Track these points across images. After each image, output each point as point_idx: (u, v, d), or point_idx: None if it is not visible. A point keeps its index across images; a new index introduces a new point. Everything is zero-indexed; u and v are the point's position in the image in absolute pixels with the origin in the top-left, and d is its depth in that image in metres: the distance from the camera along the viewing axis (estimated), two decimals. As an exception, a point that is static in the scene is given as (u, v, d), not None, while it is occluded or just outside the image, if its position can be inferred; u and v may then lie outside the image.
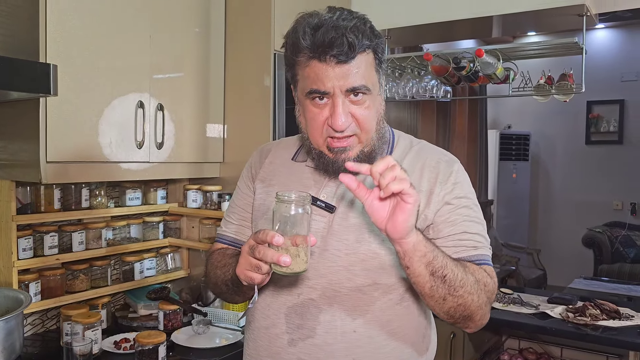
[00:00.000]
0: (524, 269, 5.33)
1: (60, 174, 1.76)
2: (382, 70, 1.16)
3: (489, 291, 1.13)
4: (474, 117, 5.32)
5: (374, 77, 1.12)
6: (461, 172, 1.21)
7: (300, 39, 1.08)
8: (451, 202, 1.16)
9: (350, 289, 1.13)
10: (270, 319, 1.19)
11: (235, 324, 2.09)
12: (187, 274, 2.46)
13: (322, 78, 1.07)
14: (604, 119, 5.98)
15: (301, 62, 1.10)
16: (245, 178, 1.36)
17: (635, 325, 2.21)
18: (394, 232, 0.97)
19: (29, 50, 1.69)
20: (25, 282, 1.86)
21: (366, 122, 1.12)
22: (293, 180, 1.24)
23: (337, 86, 1.07)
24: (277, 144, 1.38)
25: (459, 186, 1.18)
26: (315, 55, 1.07)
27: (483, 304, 1.10)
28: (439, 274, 1.03)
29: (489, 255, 1.18)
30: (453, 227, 1.15)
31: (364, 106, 1.11)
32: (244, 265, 1.06)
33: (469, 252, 1.14)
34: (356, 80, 1.07)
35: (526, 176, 6.24)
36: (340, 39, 1.04)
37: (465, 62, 2.47)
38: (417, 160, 1.20)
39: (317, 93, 1.09)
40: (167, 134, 2.10)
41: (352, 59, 1.06)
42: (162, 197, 2.38)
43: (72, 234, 2.02)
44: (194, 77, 2.24)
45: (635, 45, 5.82)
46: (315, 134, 1.14)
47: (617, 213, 5.84)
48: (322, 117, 1.11)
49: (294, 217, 1.02)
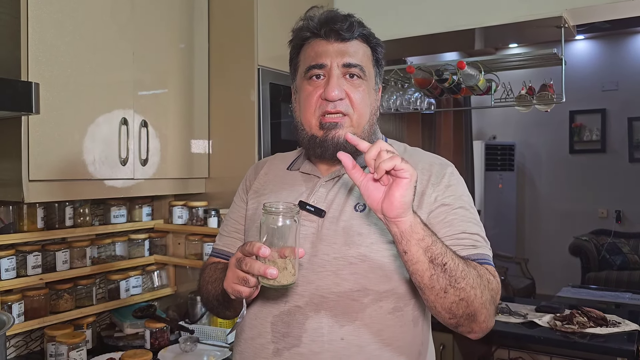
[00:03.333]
0: (512, 278, 5.35)
1: (43, 193, 1.74)
2: (380, 71, 1.24)
3: (492, 289, 1.06)
4: (459, 129, 5.36)
5: (370, 67, 1.20)
6: (455, 175, 1.19)
7: (308, 20, 1.20)
8: (446, 202, 1.13)
9: (338, 295, 1.10)
10: (256, 329, 1.17)
11: (223, 341, 2.07)
12: (173, 291, 2.44)
13: (321, 54, 1.16)
14: (587, 128, 6.06)
15: (305, 45, 1.20)
16: (240, 191, 1.36)
17: (622, 331, 2.22)
18: (390, 210, 0.93)
19: (10, 68, 1.68)
20: (8, 303, 1.83)
21: (359, 103, 1.16)
22: (285, 187, 1.24)
23: (335, 61, 1.15)
24: (274, 157, 1.40)
25: (452, 188, 1.16)
26: (318, 33, 1.17)
27: (487, 302, 1.04)
28: (439, 261, 0.97)
29: (490, 255, 1.13)
30: (450, 227, 1.11)
31: (359, 89, 1.16)
32: (232, 279, 1.05)
33: (469, 251, 1.09)
34: (353, 58, 1.16)
35: (512, 186, 6.29)
36: (342, 18, 1.17)
37: (447, 74, 2.50)
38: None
39: (315, 68, 1.16)
40: (152, 151, 2.10)
41: (352, 39, 1.17)
42: (147, 213, 2.37)
43: (56, 253, 1.99)
44: (178, 93, 2.24)
45: (614, 56, 5.93)
46: (308, 112, 1.17)
47: (603, 221, 5.90)
48: (317, 93, 1.16)
49: (281, 228, 1.00)
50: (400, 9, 2.66)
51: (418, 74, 2.59)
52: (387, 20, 2.70)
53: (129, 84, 2.01)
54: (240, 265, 1.01)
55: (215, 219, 2.23)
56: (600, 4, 2.25)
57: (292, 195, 1.22)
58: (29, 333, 1.99)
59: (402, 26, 2.66)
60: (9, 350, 1.92)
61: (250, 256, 1.00)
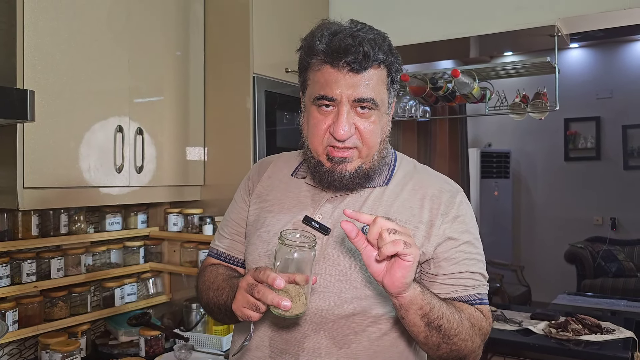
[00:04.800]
0: (508, 285, 5.36)
1: (38, 200, 1.74)
2: (394, 91, 1.15)
3: (483, 334, 1.12)
4: (454, 136, 5.38)
5: (383, 94, 1.11)
6: (464, 204, 1.17)
7: (317, 41, 1.08)
8: (453, 236, 1.12)
9: (339, 317, 1.10)
10: (255, 341, 1.17)
11: (218, 349, 2.07)
12: (168, 299, 2.43)
13: (331, 84, 1.07)
14: (582, 135, 6.09)
15: (314, 65, 1.10)
16: (242, 191, 1.33)
17: (617, 339, 2.23)
18: (392, 287, 0.94)
19: (6, 76, 1.68)
20: (2, 311, 1.82)
21: (369, 136, 1.10)
22: (290, 197, 1.22)
23: (346, 94, 1.06)
24: (279, 157, 1.35)
25: (460, 220, 1.14)
26: (328, 60, 1.07)
27: (477, 347, 1.10)
28: (435, 325, 1.01)
29: (486, 293, 1.16)
30: (455, 265, 1.12)
31: (369, 120, 1.09)
32: (241, 302, 1.03)
33: (467, 291, 1.12)
34: (365, 92, 1.07)
35: (508, 193, 6.30)
36: (356, 47, 1.04)
37: (442, 82, 2.51)
38: (419, 189, 1.16)
39: (324, 99, 1.08)
40: (147, 158, 2.10)
41: (365, 70, 1.06)
42: (142, 221, 2.37)
43: (51, 260, 1.99)
44: (174, 101, 2.24)
45: (609, 64, 5.97)
46: (315, 141, 1.12)
47: (598, 228, 5.91)
48: (325, 124, 1.09)
49: (296, 260, 0.98)
50: (395, 17, 2.68)
51: (413, 82, 2.60)
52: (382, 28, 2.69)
53: (125, 92, 2.02)
54: (252, 291, 1.00)
55: (211, 226, 2.23)
56: (592, 13, 2.27)
57: (296, 207, 1.19)
58: (23, 341, 1.98)
59: (398, 34, 2.66)
60: (3, 359, 1.91)
61: (262, 283, 0.99)
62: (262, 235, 1.20)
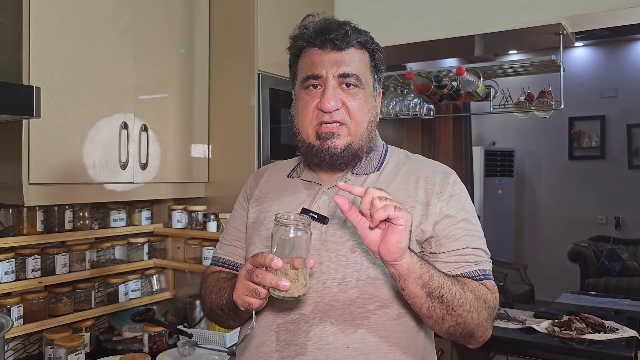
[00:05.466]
0: (511, 284, 5.35)
1: (43, 196, 1.75)
2: (378, 78, 1.23)
3: (489, 307, 1.12)
4: (458, 135, 5.37)
5: (367, 75, 1.19)
6: (458, 183, 1.20)
7: (304, 28, 1.19)
8: (450, 214, 1.15)
9: (344, 302, 1.10)
10: (260, 337, 1.17)
11: (221, 345, 2.07)
12: (172, 296, 2.44)
13: (317, 64, 1.15)
14: (586, 134, 6.07)
15: (302, 53, 1.20)
16: (241, 199, 1.36)
17: (620, 338, 2.22)
18: (387, 255, 0.96)
19: (12, 72, 1.69)
20: (7, 306, 1.83)
21: (356, 111, 1.16)
22: (287, 195, 1.24)
23: (331, 71, 1.14)
24: (274, 164, 1.40)
25: (456, 198, 1.17)
26: (314, 42, 1.16)
27: (484, 321, 1.10)
28: (436, 294, 1.02)
29: (490, 269, 1.17)
30: (455, 241, 1.13)
31: (356, 97, 1.16)
32: (242, 290, 1.04)
33: (471, 267, 1.13)
34: (349, 68, 1.15)
35: (511, 192, 6.29)
36: (338, 27, 1.15)
37: (446, 80, 2.51)
38: (412, 171, 1.20)
39: (311, 78, 1.15)
40: (152, 155, 2.10)
41: (348, 46, 1.15)
42: (146, 217, 2.37)
43: (55, 256, 1.99)
44: (179, 98, 2.25)
45: (614, 62, 5.95)
46: (305, 121, 1.17)
47: (602, 227, 5.90)
48: (313, 103, 1.16)
49: (292, 240, 1.00)
50: (400, 15, 2.67)
51: (417, 79, 2.60)
52: (387, 26, 2.72)
53: (130, 89, 2.02)
54: (251, 276, 1.01)
55: (215, 223, 2.24)
56: (598, 11, 2.26)
57: (294, 202, 1.22)
58: (27, 336, 1.99)
59: (402, 32, 2.67)
60: (8, 354, 1.92)
61: (260, 267, 1.00)
62: (262, 234, 1.22)
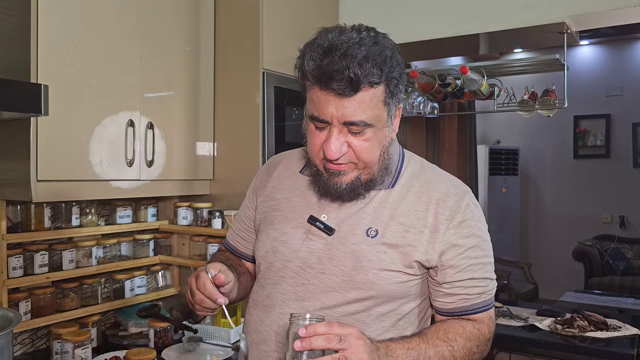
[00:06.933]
0: (515, 283, 5.35)
1: (51, 193, 1.77)
2: (395, 101, 1.10)
3: (483, 342, 1.16)
4: (463, 133, 5.37)
5: (379, 110, 1.06)
6: (471, 206, 1.16)
7: (305, 62, 1.05)
8: (458, 243, 1.12)
9: (342, 314, 1.12)
10: (262, 334, 1.20)
11: (226, 341, 2.09)
12: (177, 292, 2.46)
13: (321, 106, 1.05)
14: (591, 133, 6.06)
15: (306, 84, 1.08)
16: (251, 190, 1.37)
17: (623, 336, 2.23)
18: None
19: (20, 70, 1.71)
20: (15, 301, 1.86)
21: (363, 153, 1.08)
22: (297, 194, 1.24)
23: (335, 117, 1.04)
24: (289, 154, 1.36)
25: (466, 224, 1.13)
26: (317, 82, 1.04)
27: (479, 357, 1.14)
28: None
29: (491, 297, 1.18)
30: (460, 272, 1.13)
31: (362, 138, 1.07)
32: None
33: (472, 300, 1.15)
34: (355, 115, 1.03)
35: (516, 190, 6.29)
36: (341, 73, 1.00)
37: (450, 78, 2.52)
38: (425, 191, 1.16)
39: (316, 120, 1.07)
40: (158, 152, 2.12)
41: (355, 93, 1.02)
42: (152, 214, 2.40)
43: (63, 252, 2.02)
44: (184, 96, 2.27)
45: (619, 61, 5.93)
46: (313, 154, 1.13)
47: (607, 226, 5.89)
48: (320, 139, 1.09)
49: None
50: (405, 13, 2.68)
51: (421, 78, 2.61)
52: (392, 24, 2.73)
53: (136, 86, 2.04)
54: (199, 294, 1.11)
55: (220, 220, 2.26)
56: (602, 10, 2.27)
57: (303, 206, 1.21)
58: (35, 331, 2.01)
59: (407, 31, 2.68)
60: (16, 348, 1.95)
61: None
62: (270, 233, 1.23)
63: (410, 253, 1.11)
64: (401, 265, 1.11)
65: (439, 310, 1.18)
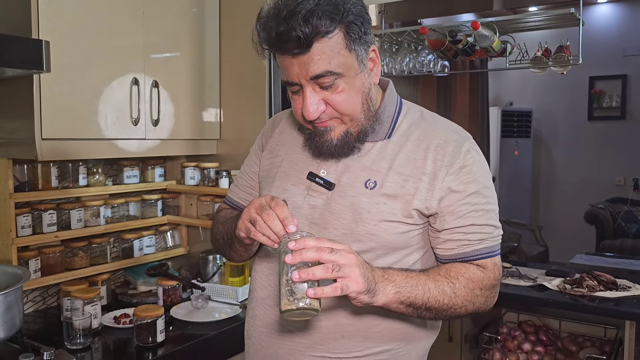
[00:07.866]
0: (525, 245, 5.34)
1: (56, 151, 1.77)
2: (363, 44, 1.06)
3: (486, 289, 1.12)
4: (475, 93, 5.28)
5: (345, 58, 1.03)
6: (471, 152, 1.12)
7: (256, 31, 1.05)
8: (457, 189, 1.10)
9: None
10: (267, 290, 1.22)
11: (234, 299, 2.11)
12: (186, 251, 2.48)
13: (286, 70, 1.04)
14: (607, 94, 5.92)
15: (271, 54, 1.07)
16: (256, 146, 1.37)
17: (633, 295, 2.21)
18: (357, 304, 0.98)
19: (21, 27, 1.69)
20: (25, 259, 1.88)
21: (343, 106, 1.06)
22: (297, 150, 1.23)
23: (301, 75, 1.03)
24: (291, 112, 1.33)
25: (466, 170, 1.10)
26: (272, 49, 1.04)
27: (481, 304, 1.12)
28: (423, 307, 1.05)
29: (496, 244, 1.14)
30: (459, 219, 1.10)
31: (337, 90, 1.05)
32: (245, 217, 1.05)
33: (474, 246, 1.11)
34: (318, 67, 1.01)
35: (528, 153, 6.21)
36: (288, 34, 0.98)
37: (461, 35, 2.45)
38: (424, 138, 1.14)
39: (288, 84, 1.07)
40: (163, 112, 2.11)
41: (309, 47, 0.99)
42: (159, 174, 2.39)
43: (71, 211, 2.03)
44: (190, 57, 2.24)
45: (637, 20, 5.75)
46: (298, 118, 1.12)
47: (620, 189, 5.82)
48: (299, 104, 1.08)
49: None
50: (414, -32, 2.60)
51: (431, 35, 2.54)
52: (401, -20, 2.65)
53: (140, 45, 2.01)
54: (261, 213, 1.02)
55: (227, 179, 2.25)
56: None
57: (303, 162, 1.21)
58: (45, 289, 2.04)
59: (417, -14, 2.60)
60: (27, 305, 1.98)
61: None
62: (272, 190, 1.22)
63: (410, 202, 1.09)
64: (401, 215, 1.10)
65: (441, 257, 1.15)
